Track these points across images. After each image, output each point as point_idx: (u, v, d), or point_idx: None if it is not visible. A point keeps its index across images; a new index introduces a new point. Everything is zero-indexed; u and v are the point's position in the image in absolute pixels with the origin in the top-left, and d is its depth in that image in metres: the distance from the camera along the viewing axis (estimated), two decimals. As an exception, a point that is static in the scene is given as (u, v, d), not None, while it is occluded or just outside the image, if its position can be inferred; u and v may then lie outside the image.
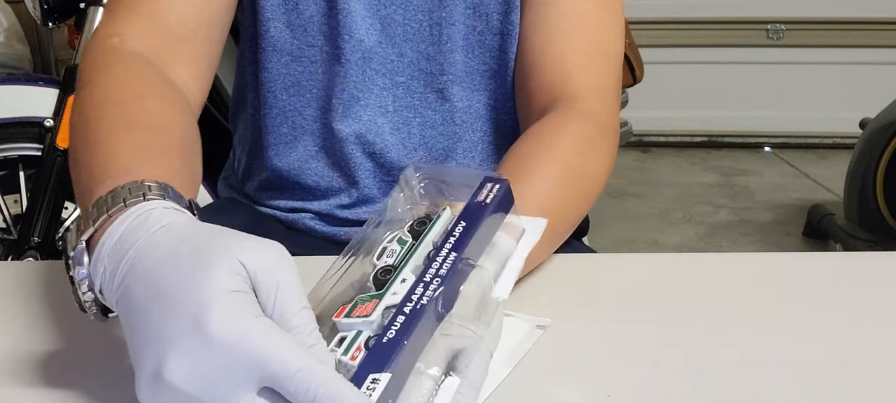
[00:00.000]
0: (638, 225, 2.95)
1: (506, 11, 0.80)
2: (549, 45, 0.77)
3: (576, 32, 0.78)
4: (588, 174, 0.72)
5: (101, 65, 0.67)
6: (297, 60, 0.81)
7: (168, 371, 0.39)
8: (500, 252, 0.52)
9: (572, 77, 0.76)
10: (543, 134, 0.73)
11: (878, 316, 0.62)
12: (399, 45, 0.80)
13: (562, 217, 0.68)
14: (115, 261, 0.45)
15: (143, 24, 0.71)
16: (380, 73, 0.80)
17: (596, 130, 0.75)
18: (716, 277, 0.69)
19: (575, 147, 0.72)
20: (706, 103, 3.95)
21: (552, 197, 0.67)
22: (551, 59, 0.77)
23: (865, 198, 2.51)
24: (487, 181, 0.52)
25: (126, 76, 0.66)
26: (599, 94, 0.77)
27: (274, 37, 0.80)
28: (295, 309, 0.42)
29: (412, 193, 0.54)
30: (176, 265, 0.42)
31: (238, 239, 0.43)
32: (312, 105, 0.82)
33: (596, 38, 0.79)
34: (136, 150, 0.55)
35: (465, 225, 0.49)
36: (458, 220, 0.50)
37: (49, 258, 1.76)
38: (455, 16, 0.80)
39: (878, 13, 3.76)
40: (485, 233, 0.50)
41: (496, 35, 0.81)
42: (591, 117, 0.75)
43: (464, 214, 0.50)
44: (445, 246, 0.48)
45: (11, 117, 1.80)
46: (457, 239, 0.48)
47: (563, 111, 0.75)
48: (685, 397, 0.50)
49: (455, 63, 0.81)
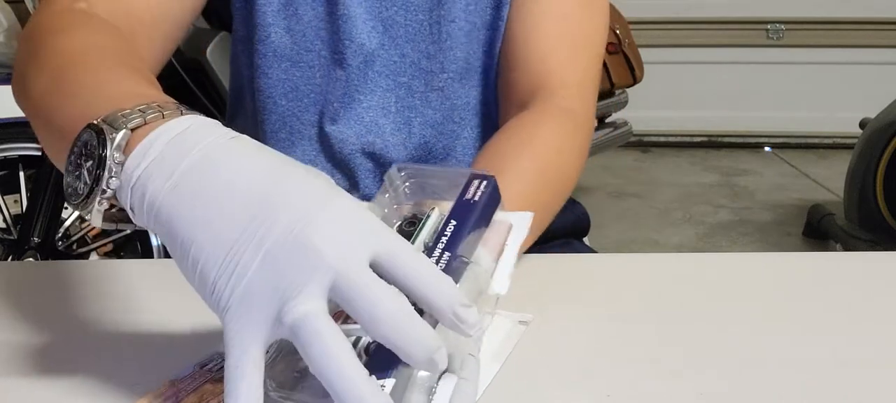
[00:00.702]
0: (638, 225, 2.95)
1: (497, 6, 0.81)
2: (533, 38, 0.78)
3: (559, 26, 0.79)
4: (563, 172, 0.74)
5: (79, 21, 0.63)
6: (296, 65, 0.81)
7: (315, 226, 0.38)
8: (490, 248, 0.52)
9: (554, 72, 0.78)
10: (522, 129, 0.74)
11: (878, 316, 0.62)
12: (401, 45, 0.80)
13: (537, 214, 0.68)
14: (179, 153, 0.41)
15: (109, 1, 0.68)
16: (382, 75, 0.81)
17: (573, 127, 0.76)
18: (716, 277, 0.69)
19: (552, 144, 0.73)
20: (706, 103, 3.95)
21: (529, 195, 0.68)
22: (534, 51, 0.78)
23: (865, 198, 2.51)
24: (474, 178, 0.52)
25: (108, 33, 0.62)
26: (579, 90, 0.79)
27: (274, 42, 0.80)
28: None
29: (397, 193, 0.54)
30: (286, 162, 0.41)
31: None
32: (310, 110, 0.82)
33: (579, 33, 0.80)
34: (151, 85, 0.51)
35: (455, 223, 0.49)
36: (449, 219, 0.50)
37: (49, 258, 1.77)
38: (454, 12, 0.80)
39: (878, 13, 3.77)
40: (475, 230, 0.50)
41: (487, 30, 0.81)
42: (569, 114, 0.76)
43: (454, 213, 0.50)
44: (438, 246, 0.48)
45: (11, 117, 1.80)
46: (449, 239, 0.48)
47: (541, 106, 0.76)
48: (685, 397, 0.50)
49: (455, 60, 0.81)
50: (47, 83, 0.55)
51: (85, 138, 0.44)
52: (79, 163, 0.44)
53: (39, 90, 0.56)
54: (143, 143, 0.42)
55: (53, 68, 0.56)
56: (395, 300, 0.38)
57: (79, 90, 0.51)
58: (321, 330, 0.37)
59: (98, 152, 0.42)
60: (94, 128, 0.44)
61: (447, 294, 0.39)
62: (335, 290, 0.38)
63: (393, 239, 0.39)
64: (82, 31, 0.62)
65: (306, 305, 0.37)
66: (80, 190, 0.44)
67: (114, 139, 0.42)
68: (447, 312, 0.39)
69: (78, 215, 1.89)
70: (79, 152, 0.44)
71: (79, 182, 0.44)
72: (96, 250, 1.96)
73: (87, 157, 0.43)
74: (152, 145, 0.42)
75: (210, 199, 0.40)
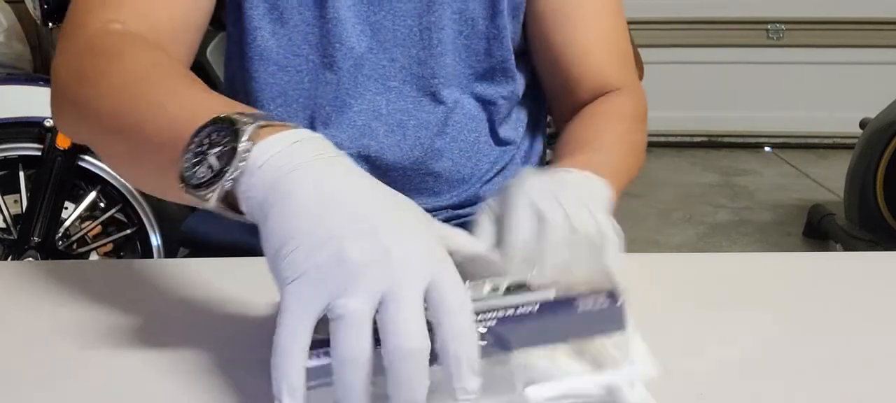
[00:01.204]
0: (638, 225, 2.95)
1: (491, 16, 0.81)
2: (586, 57, 0.84)
3: (606, 40, 0.85)
4: (640, 139, 0.83)
5: (126, 42, 0.67)
6: (284, 70, 0.81)
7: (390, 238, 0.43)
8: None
9: (613, 80, 0.85)
10: (598, 108, 0.83)
11: (878, 316, 0.62)
12: (390, 50, 0.81)
13: (622, 187, 0.74)
14: (299, 151, 0.47)
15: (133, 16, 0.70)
16: (371, 79, 0.81)
17: (639, 107, 0.85)
18: (716, 277, 0.69)
19: (629, 114, 0.83)
20: (706, 103, 3.95)
21: (621, 170, 0.74)
22: (589, 69, 0.84)
23: (865, 198, 2.51)
24: (602, 293, 0.47)
25: (158, 51, 0.67)
26: (636, 87, 0.87)
27: (260, 46, 0.80)
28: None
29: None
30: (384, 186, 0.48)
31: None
32: (300, 114, 0.82)
33: (620, 40, 0.87)
34: (223, 99, 0.56)
35: (532, 309, 0.45)
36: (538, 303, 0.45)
37: (49, 258, 1.77)
38: (443, 20, 0.80)
39: (878, 13, 3.76)
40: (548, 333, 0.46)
41: (482, 39, 0.82)
42: (633, 99, 0.85)
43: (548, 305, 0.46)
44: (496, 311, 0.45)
45: (11, 117, 1.81)
46: (509, 317, 0.45)
47: (614, 95, 0.85)
48: (685, 397, 0.50)
49: (445, 66, 0.81)
50: (118, 102, 0.59)
51: (209, 130, 0.49)
52: (201, 151, 0.49)
53: (109, 109, 0.60)
54: (271, 139, 0.47)
55: (121, 87, 0.60)
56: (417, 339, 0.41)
57: (162, 100, 0.56)
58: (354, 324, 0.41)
59: (230, 141, 0.48)
60: (223, 120, 0.49)
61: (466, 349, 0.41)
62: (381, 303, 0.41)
63: (448, 272, 0.43)
64: (135, 50, 0.65)
65: (353, 302, 0.41)
66: (202, 175, 0.48)
67: (245, 131, 0.47)
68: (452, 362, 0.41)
69: (77, 215, 1.89)
70: (202, 142, 0.49)
71: (201, 167, 0.49)
72: (96, 250, 1.96)
73: (214, 145, 0.48)
74: (278, 142, 0.47)
75: (326, 192, 0.45)
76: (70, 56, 0.67)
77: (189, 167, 0.49)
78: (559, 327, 0.46)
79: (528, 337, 0.45)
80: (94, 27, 0.69)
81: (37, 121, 1.79)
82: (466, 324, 0.42)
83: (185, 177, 0.49)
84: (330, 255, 0.42)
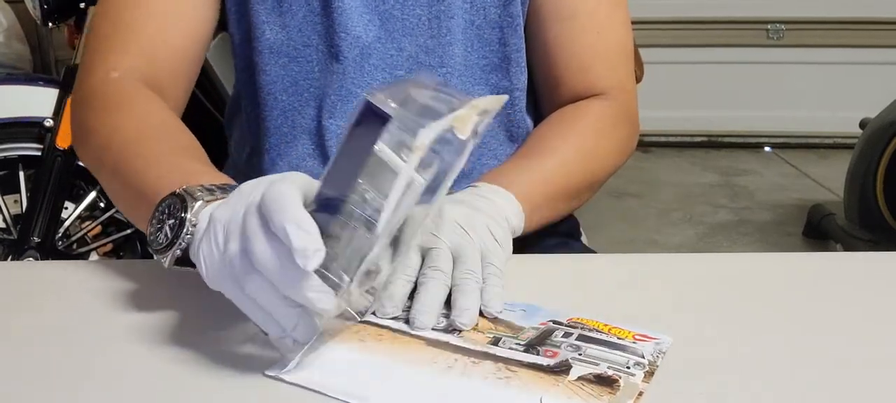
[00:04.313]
0: (638, 225, 2.95)
1: (505, 4, 0.81)
2: (574, 56, 0.83)
3: (598, 38, 0.83)
4: (598, 156, 0.80)
5: (122, 99, 0.75)
6: (294, 61, 0.81)
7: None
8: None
9: (599, 82, 0.84)
10: (566, 114, 0.82)
11: (878, 316, 0.62)
12: (398, 39, 0.81)
13: (563, 193, 0.76)
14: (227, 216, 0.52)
15: (135, 58, 0.78)
16: (378, 69, 0.81)
17: (617, 112, 0.82)
18: (716, 277, 0.69)
19: (593, 128, 0.81)
20: (706, 103, 3.95)
21: (562, 172, 0.76)
22: (578, 69, 0.83)
23: (865, 197, 2.50)
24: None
25: (152, 106, 0.75)
26: (621, 92, 0.85)
27: (269, 39, 0.81)
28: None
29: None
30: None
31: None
32: (310, 104, 0.82)
33: (615, 41, 0.85)
34: (196, 162, 0.67)
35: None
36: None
37: (49, 258, 1.76)
38: (453, 9, 0.80)
39: (878, 13, 3.76)
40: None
41: (495, 28, 0.82)
42: (614, 103, 0.83)
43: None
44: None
45: (11, 117, 1.80)
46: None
47: (588, 100, 0.84)
48: (685, 397, 0.50)
49: (454, 56, 0.81)
50: (117, 157, 0.70)
51: (168, 202, 0.58)
52: (162, 219, 0.57)
53: (112, 162, 0.71)
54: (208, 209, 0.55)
55: (118, 144, 0.71)
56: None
57: (151, 161, 0.67)
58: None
59: (180, 214, 0.56)
60: (177, 196, 0.57)
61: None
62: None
63: (283, 192, 0.49)
64: (131, 108, 0.75)
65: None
66: (161, 240, 0.57)
67: (193, 206, 0.56)
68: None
69: (77, 215, 1.89)
70: (162, 211, 0.58)
71: (160, 234, 0.57)
72: (96, 250, 1.95)
73: (170, 216, 0.57)
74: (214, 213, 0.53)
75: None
76: (77, 105, 0.79)
77: (153, 232, 0.58)
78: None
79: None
80: (99, 75, 0.77)
81: (37, 121, 1.78)
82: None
83: (149, 240, 0.58)
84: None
